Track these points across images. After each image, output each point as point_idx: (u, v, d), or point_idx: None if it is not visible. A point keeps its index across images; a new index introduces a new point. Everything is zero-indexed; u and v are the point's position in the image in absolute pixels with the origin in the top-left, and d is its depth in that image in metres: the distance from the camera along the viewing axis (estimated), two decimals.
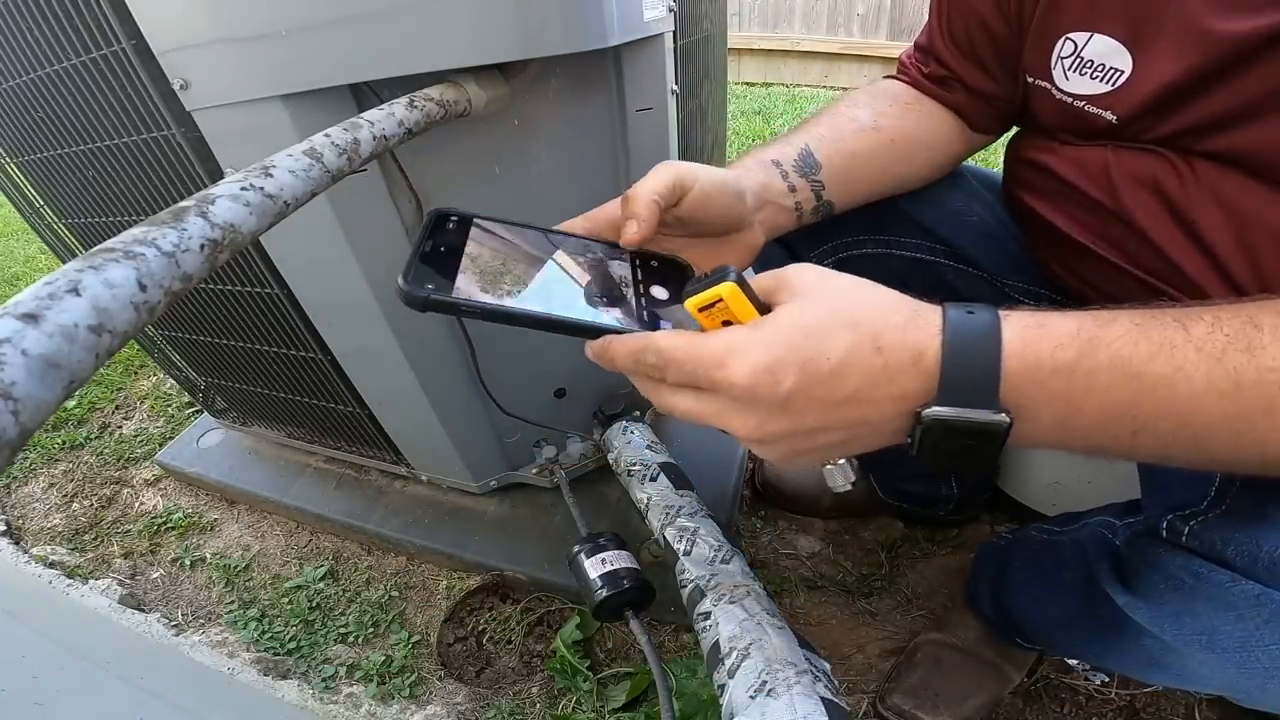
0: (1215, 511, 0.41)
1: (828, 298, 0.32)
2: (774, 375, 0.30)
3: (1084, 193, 0.48)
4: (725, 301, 0.32)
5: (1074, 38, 0.44)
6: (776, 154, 0.50)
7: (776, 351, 0.30)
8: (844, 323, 0.31)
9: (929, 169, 0.58)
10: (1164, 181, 0.43)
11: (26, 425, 0.17)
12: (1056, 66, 0.46)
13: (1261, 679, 0.39)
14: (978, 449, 0.31)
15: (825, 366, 0.30)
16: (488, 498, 0.98)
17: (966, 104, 0.56)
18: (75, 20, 0.54)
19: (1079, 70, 0.44)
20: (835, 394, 0.31)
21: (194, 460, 1.13)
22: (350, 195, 0.57)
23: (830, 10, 3.18)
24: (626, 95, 0.62)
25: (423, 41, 0.47)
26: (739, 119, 2.72)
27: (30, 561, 0.99)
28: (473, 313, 0.33)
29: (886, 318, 0.31)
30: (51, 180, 0.75)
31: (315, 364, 0.80)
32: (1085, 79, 0.44)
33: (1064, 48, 0.45)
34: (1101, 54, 0.43)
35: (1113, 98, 0.43)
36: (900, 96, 0.57)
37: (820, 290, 0.32)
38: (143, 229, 0.24)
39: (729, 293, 0.32)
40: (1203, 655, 0.42)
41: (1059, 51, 0.45)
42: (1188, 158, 0.42)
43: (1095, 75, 0.44)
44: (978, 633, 0.74)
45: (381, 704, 0.80)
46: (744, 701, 0.46)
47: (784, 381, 0.30)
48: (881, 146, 0.54)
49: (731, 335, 0.31)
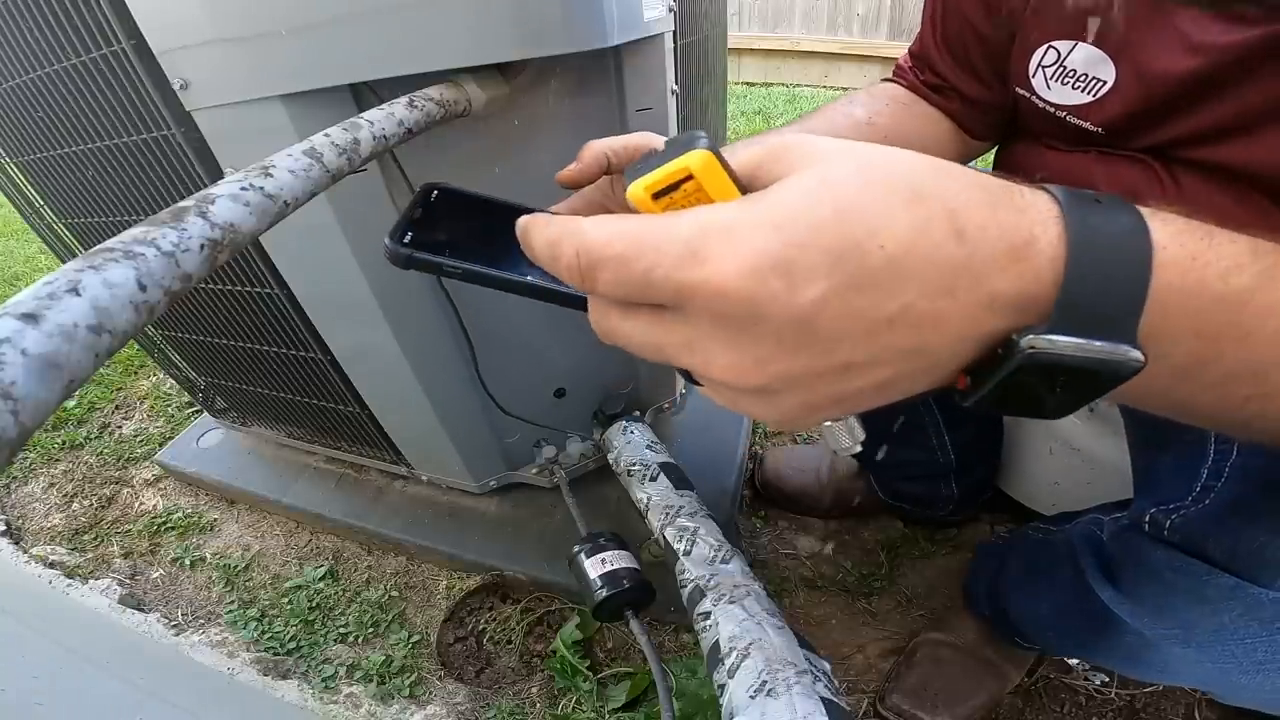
0: (1198, 506, 0.40)
1: (864, 161, 0.21)
2: (790, 275, 0.19)
3: None
4: (697, 179, 0.21)
5: (1058, 46, 0.44)
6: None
7: (792, 234, 0.19)
8: (900, 191, 0.20)
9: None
10: (1142, 192, 0.43)
11: (26, 425, 0.17)
12: (1036, 75, 0.46)
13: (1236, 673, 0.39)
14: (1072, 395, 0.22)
15: (876, 259, 0.19)
16: (488, 498, 0.98)
17: (962, 111, 0.56)
18: (75, 20, 0.54)
19: (1060, 79, 0.44)
20: (887, 306, 0.20)
21: (194, 460, 1.13)
22: (350, 195, 0.57)
23: (830, 10, 3.18)
24: (626, 95, 0.62)
25: (422, 41, 0.47)
26: (739, 119, 2.72)
27: (30, 561, 0.99)
28: (454, 273, 0.31)
29: (965, 188, 0.21)
30: (51, 180, 0.75)
31: (315, 364, 0.80)
32: (1067, 89, 0.44)
33: (1046, 56, 0.44)
34: (1084, 63, 0.42)
35: (1094, 108, 0.43)
36: (898, 98, 0.57)
37: (848, 153, 0.21)
38: (142, 229, 0.24)
39: (701, 166, 0.21)
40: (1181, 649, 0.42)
41: (1040, 60, 0.45)
42: (1171, 168, 0.42)
43: (1077, 85, 0.43)
44: (977, 633, 0.74)
45: (381, 704, 0.80)
46: (744, 701, 0.46)
47: (806, 286, 0.19)
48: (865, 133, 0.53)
49: (710, 213, 0.20)
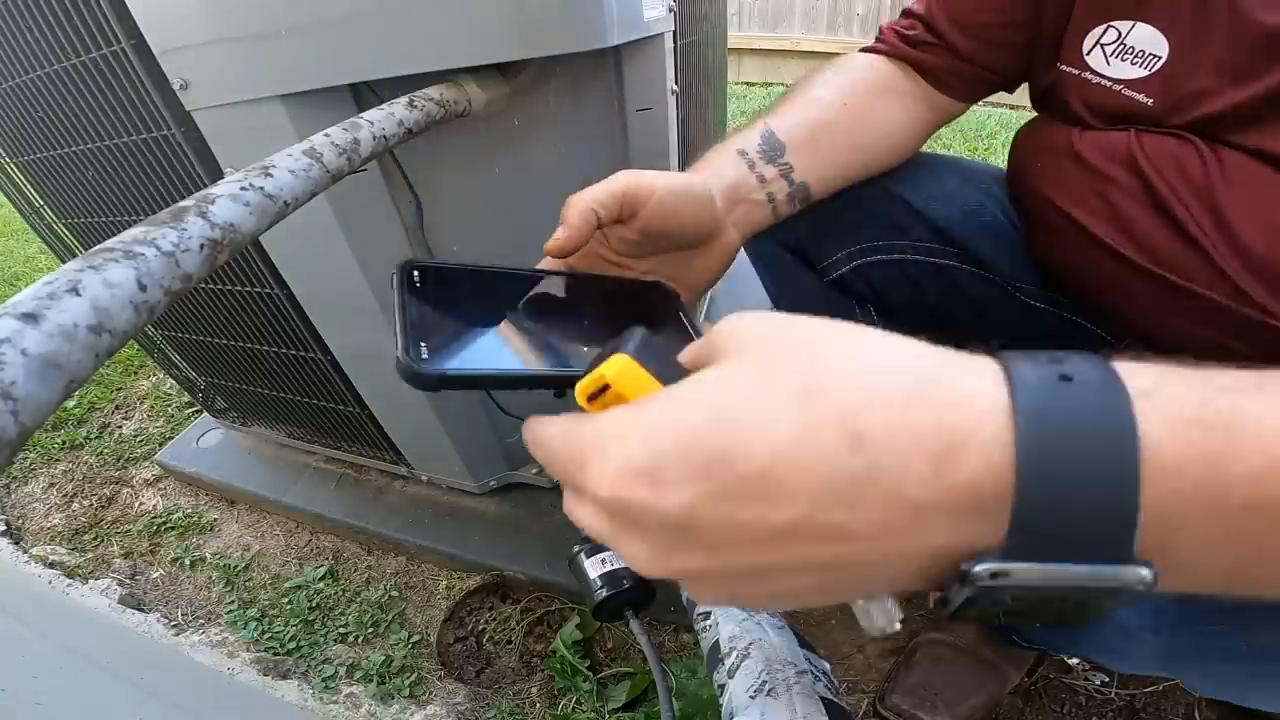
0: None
1: (770, 355, 0.20)
2: (654, 481, 0.19)
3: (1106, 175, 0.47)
4: (614, 389, 0.22)
5: (1118, 25, 0.45)
6: (741, 143, 0.47)
7: (658, 443, 0.19)
8: (787, 393, 0.19)
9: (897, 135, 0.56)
10: (1187, 163, 0.43)
11: (26, 425, 0.17)
12: (1094, 53, 0.46)
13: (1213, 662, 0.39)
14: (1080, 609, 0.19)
15: (747, 469, 0.18)
16: (488, 498, 0.98)
17: (949, 69, 0.54)
18: (75, 20, 0.54)
19: (1120, 56, 0.45)
20: (774, 516, 0.18)
21: (194, 460, 1.13)
22: (350, 195, 0.57)
23: (830, 10, 3.18)
24: (626, 95, 0.62)
25: (423, 41, 0.47)
26: (739, 119, 2.72)
27: (30, 561, 0.99)
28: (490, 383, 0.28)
29: (875, 383, 0.19)
30: (51, 180, 0.75)
31: (315, 364, 0.80)
32: (1125, 64, 0.45)
33: (1106, 35, 0.45)
34: (1142, 40, 0.44)
35: (1148, 82, 0.44)
36: (858, 65, 0.56)
37: (762, 344, 0.21)
38: (142, 229, 0.24)
39: (618, 373, 0.22)
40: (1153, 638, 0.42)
41: (1100, 38, 0.46)
42: (1214, 146, 0.42)
43: (1135, 61, 0.44)
44: (977, 632, 0.74)
45: (381, 704, 0.80)
46: (744, 701, 0.46)
47: (672, 492, 0.19)
48: (837, 113, 0.52)
49: (606, 420, 0.21)
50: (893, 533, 0.18)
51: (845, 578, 0.20)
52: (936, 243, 0.59)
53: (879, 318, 0.61)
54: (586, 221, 0.34)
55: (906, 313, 0.61)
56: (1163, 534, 0.17)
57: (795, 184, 0.48)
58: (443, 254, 0.67)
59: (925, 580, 0.20)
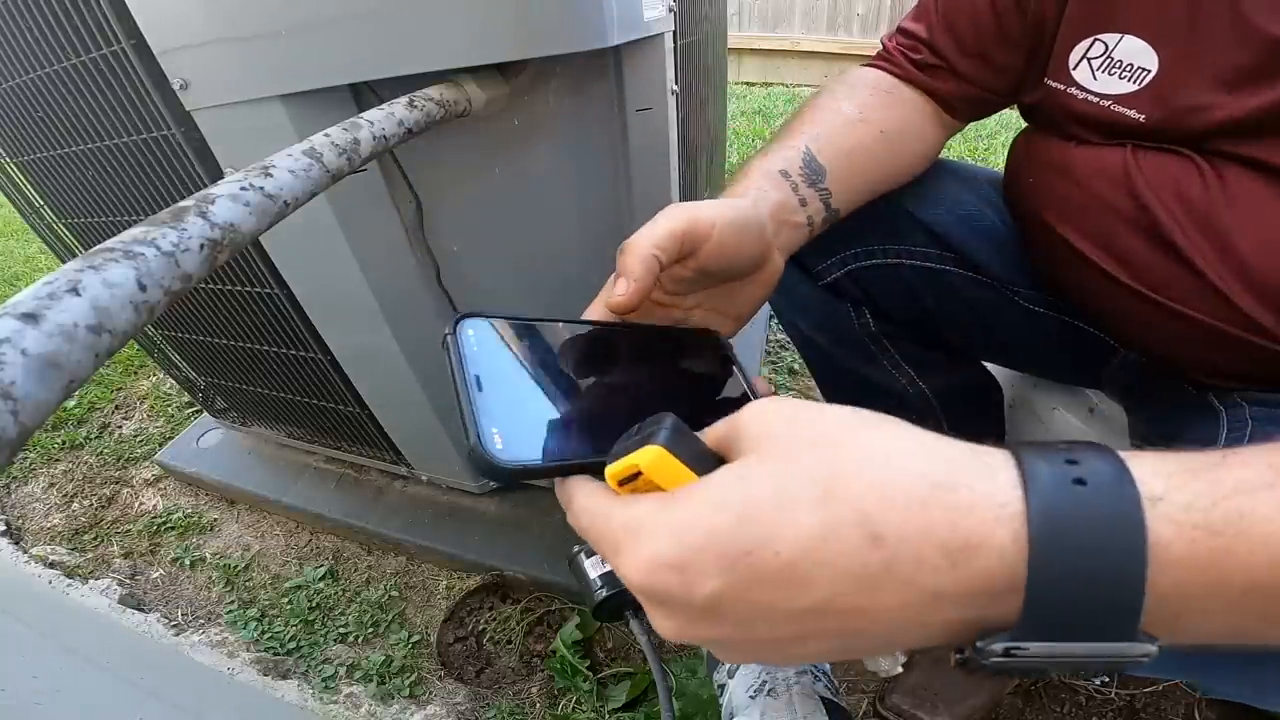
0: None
1: (792, 453, 0.22)
2: (684, 575, 0.21)
3: (1102, 199, 0.47)
4: (646, 475, 0.23)
5: (1104, 38, 0.44)
6: (783, 163, 0.46)
7: (688, 539, 0.21)
8: (810, 493, 0.20)
9: (917, 159, 0.56)
10: (1187, 185, 0.42)
11: (26, 425, 0.17)
12: (1080, 67, 0.45)
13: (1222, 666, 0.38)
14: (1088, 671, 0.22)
15: (771, 564, 0.20)
16: (488, 498, 0.98)
17: (953, 91, 0.54)
18: (75, 20, 0.54)
19: (1108, 70, 0.44)
20: (800, 600, 0.20)
21: (194, 460, 1.13)
22: (350, 195, 0.57)
23: (830, 10, 3.18)
24: (626, 95, 0.62)
25: (423, 41, 0.47)
26: (739, 119, 2.72)
27: (30, 561, 0.99)
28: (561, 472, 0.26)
29: (893, 487, 0.20)
30: (51, 180, 0.75)
31: (315, 364, 0.80)
32: (1114, 79, 0.44)
33: (1093, 48, 0.45)
34: (1130, 54, 0.43)
35: (1138, 97, 0.43)
36: (879, 85, 0.55)
37: (785, 441, 0.22)
38: (142, 229, 0.24)
39: (651, 462, 0.22)
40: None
41: (1086, 52, 0.45)
42: (1213, 161, 0.42)
43: (1124, 75, 0.43)
44: None
45: (381, 704, 0.80)
46: (744, 701, 0.47)
47: (701, 583, 0.21)
48: (873, 139, 0.51)
49: (636, 510, 0.23)
50: (910, 611, 0.20)
51: (864, 644, 0.22)
52: (933, 247, 0.59)
53: (874, 321, 0.61)
54: (650, 270, 0.31)
55: (902, 317, 0.61)
56: (1167, 617, 0.19)
57: (831, 209, 0.47)
58: (443, 254, 0.67)
59: (943, 642, 0.21)
